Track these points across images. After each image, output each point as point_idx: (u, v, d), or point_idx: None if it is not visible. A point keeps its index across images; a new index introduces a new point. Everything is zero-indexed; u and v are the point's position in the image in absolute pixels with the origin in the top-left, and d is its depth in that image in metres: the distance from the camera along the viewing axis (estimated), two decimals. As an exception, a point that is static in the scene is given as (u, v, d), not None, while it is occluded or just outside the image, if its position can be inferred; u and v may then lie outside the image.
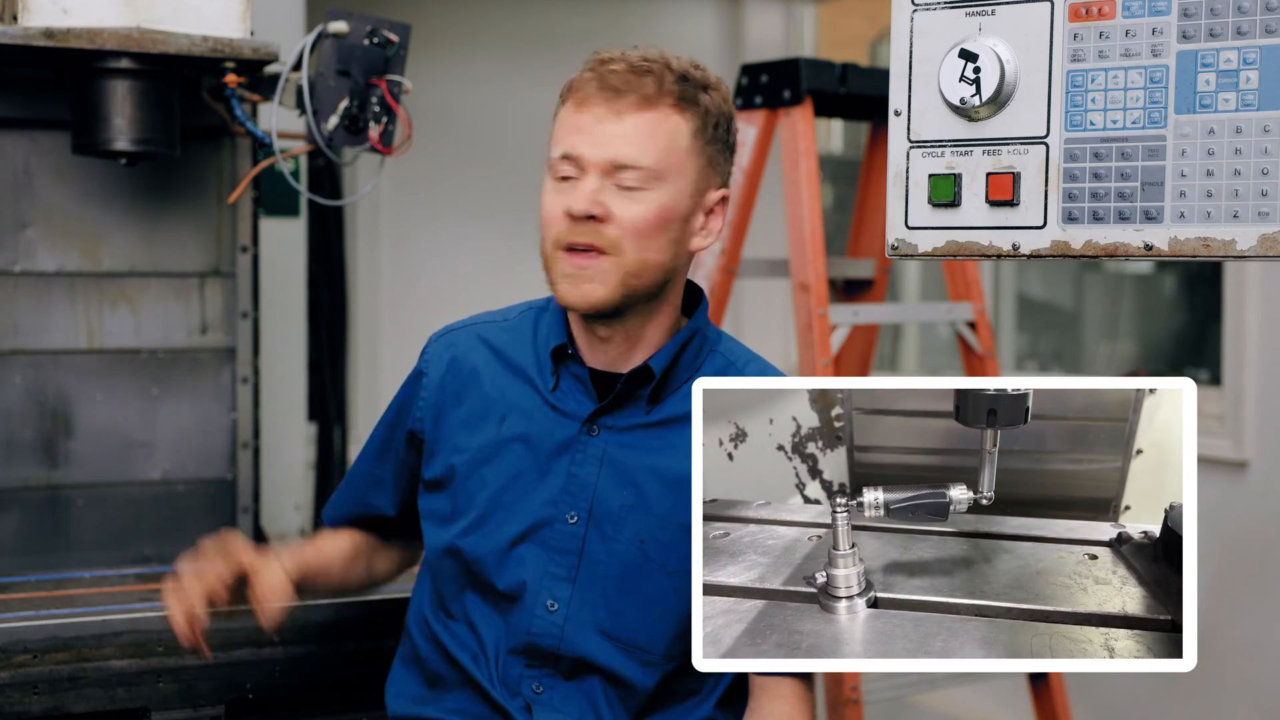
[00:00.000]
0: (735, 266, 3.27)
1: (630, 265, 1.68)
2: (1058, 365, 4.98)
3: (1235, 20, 1.18)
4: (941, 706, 4.38)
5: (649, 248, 1.69)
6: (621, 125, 1.67)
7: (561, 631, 1.74)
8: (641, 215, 1.67)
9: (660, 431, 1.75)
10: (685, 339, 1.77)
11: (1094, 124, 1.24)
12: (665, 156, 1.68)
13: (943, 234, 1.32)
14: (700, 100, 1.71)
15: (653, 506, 1.73)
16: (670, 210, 1.69)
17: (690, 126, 1.70)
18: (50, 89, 2.42)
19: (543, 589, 1.75)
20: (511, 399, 1.80)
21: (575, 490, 1.76)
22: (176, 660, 2.00)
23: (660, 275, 1.72)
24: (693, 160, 1.71)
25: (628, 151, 1.66)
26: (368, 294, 4.82)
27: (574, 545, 1.75)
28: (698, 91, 1.71)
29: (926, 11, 1.31)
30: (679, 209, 1.70)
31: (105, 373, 2.59)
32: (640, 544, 1.74)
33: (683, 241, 1.73)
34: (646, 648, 1.75)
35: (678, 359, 1.76)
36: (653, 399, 1.76)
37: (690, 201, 1.72)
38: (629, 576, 1.74)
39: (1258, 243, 1.18)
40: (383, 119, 2.47)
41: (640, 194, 1.67)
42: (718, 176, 1.76)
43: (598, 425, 1.76)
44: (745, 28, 5.33)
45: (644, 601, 1.74)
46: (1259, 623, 3.55)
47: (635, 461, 1.75)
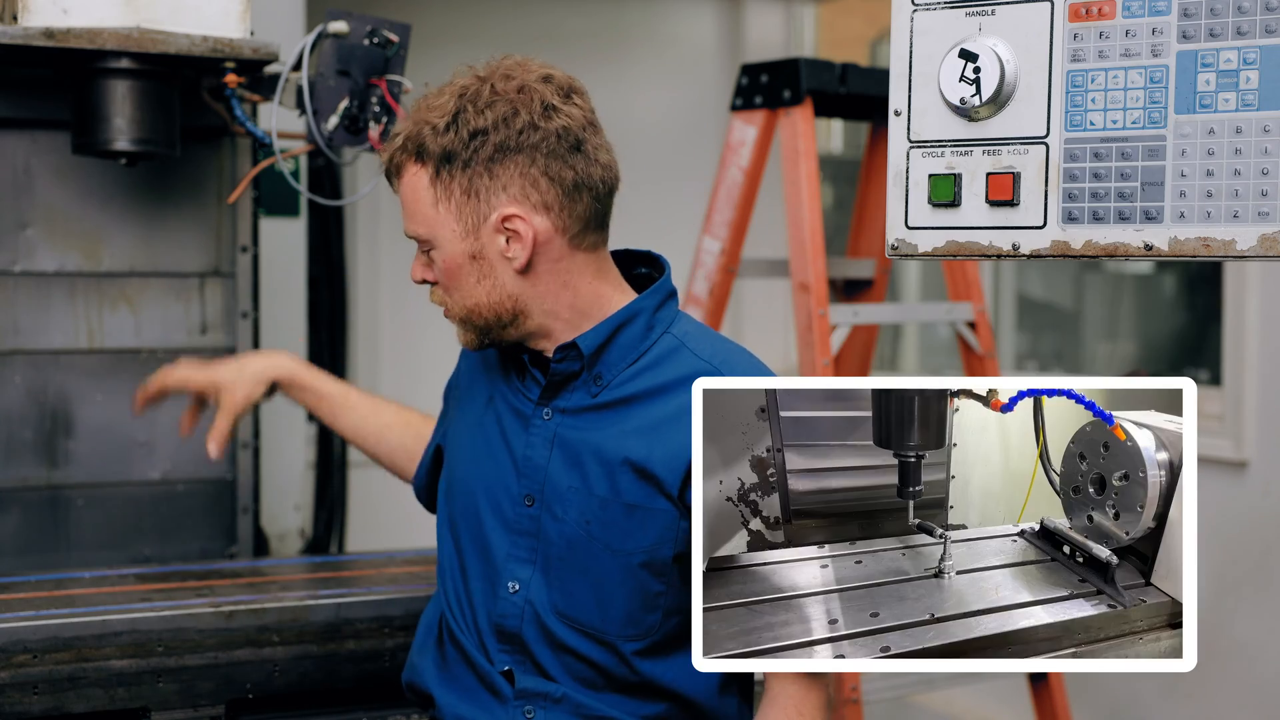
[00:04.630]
0: (735, 266, 3.27)
1: (460, 312, 1.79)
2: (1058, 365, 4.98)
3: (1235, 20, 1.18)
4: (941, 706, 4.38)
5: (463, 294, 1.77)
6: (400, 200, 1.79)
7: (522, 613, 1.78)
8: (439, 273, 1.78)
9: (606, 413, 1.77)
10: (622, 320, 1.78)
11: (1094, 124, 1.24)
12: (421, 219, 1.76)
13: (943, 234, 1.32)
14: (428, 145, 1.72)
15: (593, 487, 1.76)
16: (451, 260, 1.76)
17: (426, 176, 1.74)
18: (50, 89, 2.42)
19: (505, 570, 1.80)
20: (491, 383, 1.90)
21: (530, 472, 1.79)
22: (176, 660, 2.00)
23: (498, 308, 1.76)
24: (444, 205, 1.74)
25: (404, 226, 1.79)
26: (368, 294, 4.82)
27: (531, 527, 1.79)
28: (428, 137, 1.72)
29: (926, 11, 1.31)
30: (458, 254, 1.75)
31: (105, 373, 2.59)
32: (586, 524, 1.76)
33: (494, 274, 1.75)
34: (599, 628, 1.77)
35: (613, 338, 1.77)
36: (598, 380, 1.78)
37: (467, 243, 1.74)
38: (577, 557, 1.77)
39: (1258, 243, 1.18)
40: (383, 119, 2.47)
41: (431, 254, 1.78)
42: (485, 199, 1.73)
43: (550, 409, 1.80)
44: (745, 28, 5.33)
45: (593, 582, 1.76)
46: (1259, 623, 3.55)
47: (580, 442, 1.77)
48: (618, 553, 1.75)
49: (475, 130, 1.71)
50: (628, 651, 1.77)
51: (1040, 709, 3.27)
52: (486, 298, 1.76)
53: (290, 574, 2.53)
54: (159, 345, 2.62)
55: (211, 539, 2.65)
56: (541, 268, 1.75)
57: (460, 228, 1.74)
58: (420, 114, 1.75)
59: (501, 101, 1.71)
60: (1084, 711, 3.75)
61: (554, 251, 1.75)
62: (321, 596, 2.18)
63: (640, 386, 1.76)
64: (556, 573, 1.78)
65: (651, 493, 1.72)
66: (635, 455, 1.73)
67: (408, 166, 1.76)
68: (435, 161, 1.73)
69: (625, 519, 1.74)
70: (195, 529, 2.65)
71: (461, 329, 1.81)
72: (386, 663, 2.11)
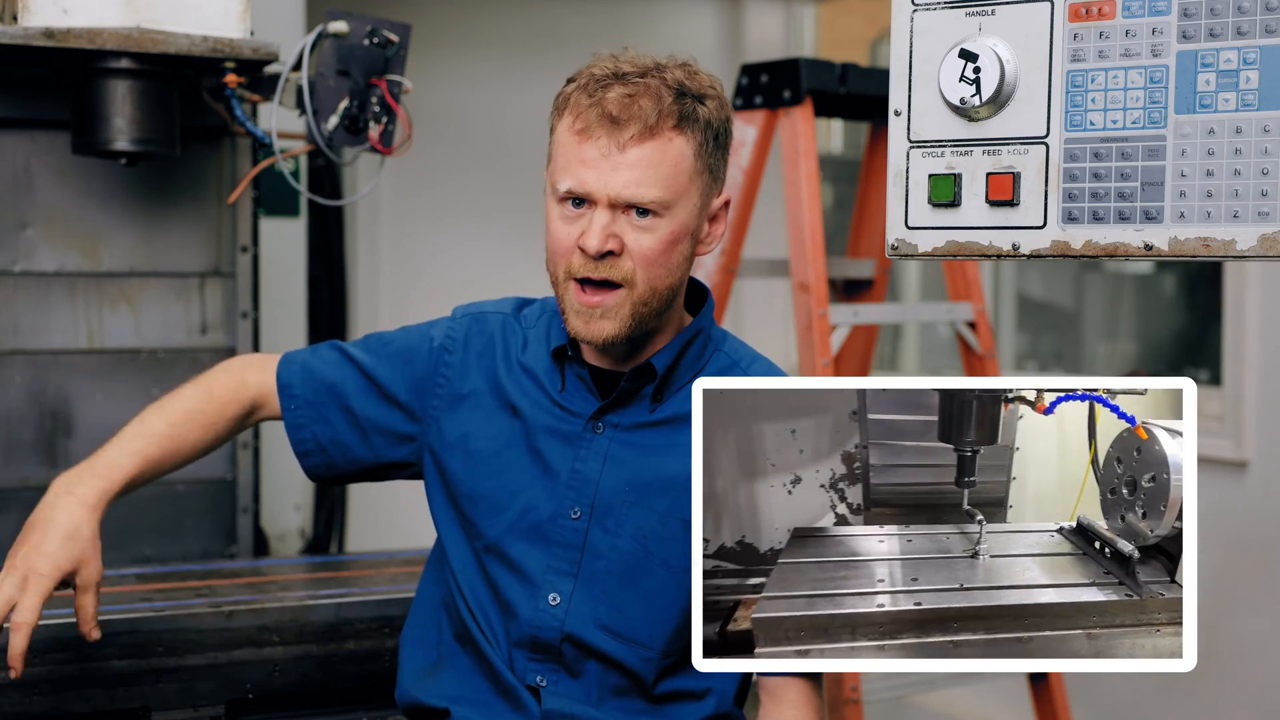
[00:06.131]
0: (735, 266, 3.27)
1: (641, 295, 1.69)
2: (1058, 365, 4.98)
3: (1235, 20, 1.18)
4: (942, 706, 4.38)
5: (659, 275, 1.69)
6: (626, 158, 1.65)
7: (563, 625, 1.75)
8: (652, 245, 1.68)
9: (664, 430, 1.76)
10: (689, 338, 1.78)
11: (1094, 124, 1.24)
12: (671, 184, 1.67)
13: (943, 234, 1.32)
14: (699, 115, 1.69)
15: (653, 503, 1.74)
16: (679, 233, 1.70)
17: (693, 147, 1.69)
18: (50, 89, 2.42)
19: (545, 583, 1.76)
20: (522, 394, 1.81)
21: (578, 485, 1.76)
22: (176, 660, 2.00)
23: (669, 295, 1.73)
24: (697, 179, 1.70)
25: (636, 187, 1.66)
26: (368, 294, 4.82)
27: (576, 540, 1.76)
28: (696, 105, 1.69)
29: (926, 11, 1.31)
30: (687, 229, 1.71)
31: (105, 373, 2.59)
32: (642, 539, 1.74)
33: (690, 256, 1.74)
34: (647, 643, 1.75)
35: (680, 358, 1.77)
36: (656, 397, 1.77)
37: (697, 219, 1.73)
38: (630, 572, 1.75)
39: (1258, 243, 1.18)
40: (383, 119, 2.47)
41: (652, 223, 1.68)
42: (718, 184, 1.75)
43: (602, 423, 1.77)
44: (745, 28, 5.33)
45: (644, 596, 1.75)
46: (1259, 623, 3.55)
47: (638, 459, 1.76)
48: (674, 569, 1.74)
49: (724, 120, 1.72)
50: (666, 665, 1.76)
51: (1040, 709, 3.27)
52: (676, 280, 1.72)
53: (290, 574, 2.53)
54: (159, 345, 2.62)
55: (211, 539, 2.66)
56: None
57: (700, 203, 1.72)
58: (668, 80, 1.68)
59: (712, 95, 1.71)
60: (1084, 711, 3.75)
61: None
62: (321, 596, 2.18)
63: None
64: (602, 586, 1.75)
65: None
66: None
67: (663, 131, 1.66)
68: (703, 134, 1.70)
69: (684, 534, 1.72)
70: (195, 529, 2.65)
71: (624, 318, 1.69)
72: (386, 663, 2.12)
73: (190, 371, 2.61)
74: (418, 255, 4.85)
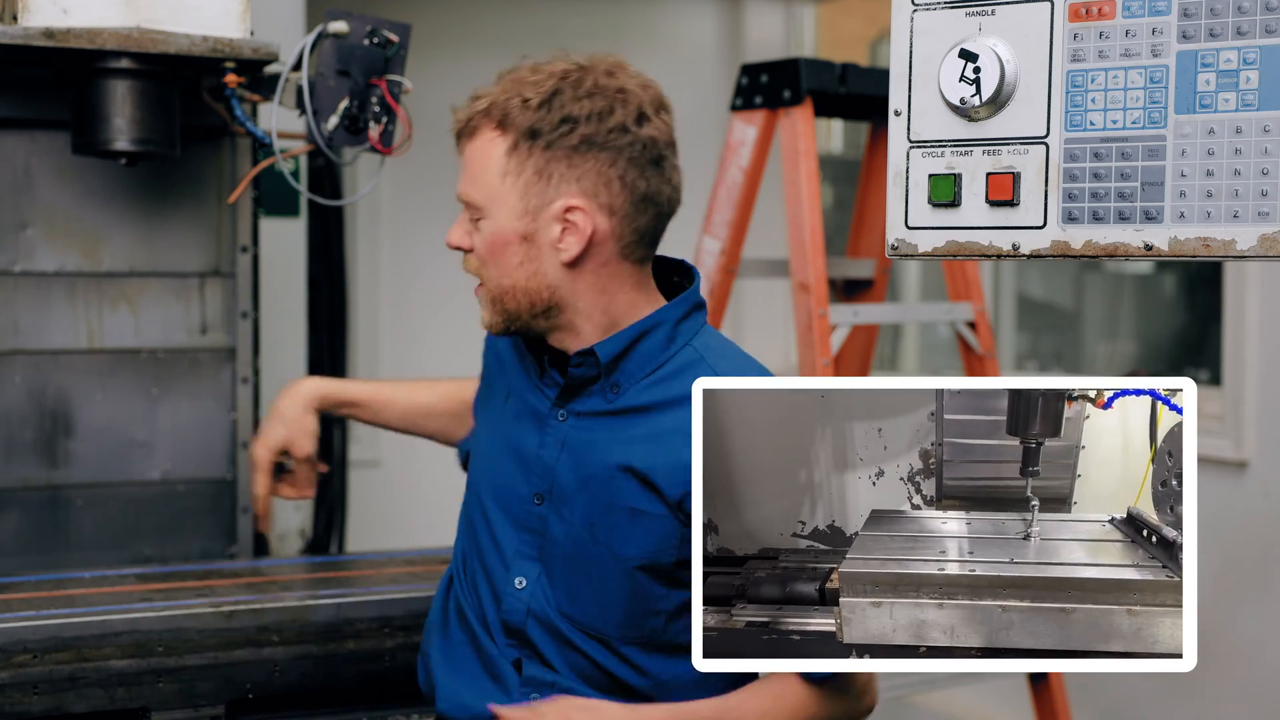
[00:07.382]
0: (735, 266, 3.27)
1: (492, 291, 1.77)
2: (1058, 365, 4.98)
3: (1235, 20, 1.18)
4: (941, 706, 4.38)
5: (498, 274, 1.75)
6: (463, 157, 1.77)
7: (527, 608, 1.78)
8: (481, 245, 1.77)
9: (620, 420, 1.77)
10: (642, 330, 1.77)
11: (1094, 124, 1.24)
12: (481, 184, 1.74)
13: (943, 234, 1.32)
14: (523, 113, 1.70)
15: (598, 491, 1.76)
16: (499, 236, 1.74)
17: (504, 145, 1.72)
18: (50, 89, 2.42)
19: (514, 565, 1.80)
20: (508, 378, 1.90)
21: (540, 471, 1.80)
22: (176, 660, 2.00)
23: (533, 296, 1.74)
24: (513, 179, 1.72)
25: (461, 185, 1.77)
26: (368, 294, 4.82)
27: (538, 525, 1.80)
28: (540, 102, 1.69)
29: (926, 11, 1.31)
30: (510, 231, 1.73)
31: (105, 373, 2.59)
32: (590, 527, 1.76)
33: (539, 260, 1.73)
34: (601, 629, 1.77)
35: (632, 348, 1.77)
36: (615, 388, 1.77)
37: (522, 222, 1.73)
38: (581, 558, 1.77)
39: (1258, 243, 1.18)
40: (383, 119, 2.47)
41: (480, 223, 1.76)
42: (570, 184, 1.72)
43: (565, 410, 1.80)
44: (745, 28, 5.33)
45: (594, 584, 1.77)
46: (1259, 623, 3.55)
47: (590, 446, 1.78)
48: (619, 557, 1.75)
49: (568, 116, 1.70)
50: (630, 654, 1.77)
51: (1040, 709, 3.27)
52: (525, 282, 1.74)
53: (290, 574, 2.53)
54: (159, 345, 2.62)
55: (211, 539, 2.65)
56: (587, 267, 1.74)
57: (521, 205, 1.73)
58: (513, 85, 1.73)
59: (601, 96, 1.71)
60: (1084, 711, 3.75)
61: (603, 255, 1.74)
62: (321, 596, 2.18)
63: (655, 397, 1.76)
64: (560, 572, 1.78)
65: (653, 499, 1.73)
66: (639, 463, 1.73)
67: (484, 130, 1.74)
68: (518, 134, 1.71)
69: (628, 524, 1.74)
70: (195, 529, 2.65)
71: (489, 310, 1.79)
72: (386, 663, 2.12)
73: (190, 371, 2.63)
74: (418, 255, 4.85)
